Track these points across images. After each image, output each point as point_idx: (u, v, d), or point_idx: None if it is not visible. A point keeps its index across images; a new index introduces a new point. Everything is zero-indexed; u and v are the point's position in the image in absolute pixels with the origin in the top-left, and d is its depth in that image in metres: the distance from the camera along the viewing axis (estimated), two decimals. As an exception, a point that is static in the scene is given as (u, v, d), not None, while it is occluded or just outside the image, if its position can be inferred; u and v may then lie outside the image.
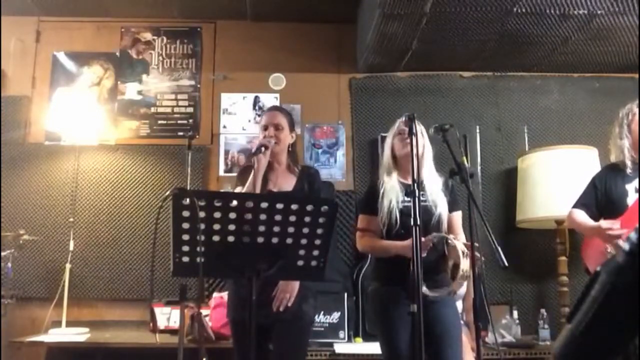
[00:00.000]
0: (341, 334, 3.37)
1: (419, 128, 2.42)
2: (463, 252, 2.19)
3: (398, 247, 2.32)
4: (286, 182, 2.48)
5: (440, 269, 2.39)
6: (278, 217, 1.59)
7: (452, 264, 2.30)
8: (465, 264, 2.17)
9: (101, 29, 4.23)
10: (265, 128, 2.49)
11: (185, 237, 1.59)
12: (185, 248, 1.60)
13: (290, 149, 2.55)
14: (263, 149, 2.36)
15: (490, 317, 2.47)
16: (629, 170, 2.56)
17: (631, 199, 2.52)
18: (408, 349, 2.30)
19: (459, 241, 2.27)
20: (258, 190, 2.37)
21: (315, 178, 2.51)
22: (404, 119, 2.49)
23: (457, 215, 2.52)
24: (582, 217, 2.62)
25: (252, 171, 2.35)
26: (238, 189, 2.44)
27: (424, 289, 2.16)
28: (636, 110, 2.58)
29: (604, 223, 2.47)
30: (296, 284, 2.31)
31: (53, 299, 3.55)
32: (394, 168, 2.51)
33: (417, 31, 3.50)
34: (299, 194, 2.43)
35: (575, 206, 2.69)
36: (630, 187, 2.54)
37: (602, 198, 2.62)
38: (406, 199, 2.38)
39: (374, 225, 2.47)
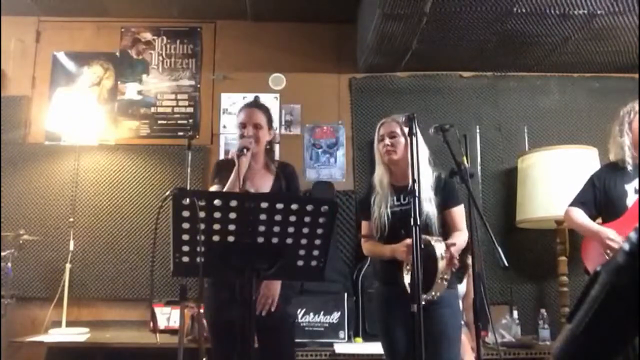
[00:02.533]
0: (341, 334, 3.37)
1: (414, 130, 2.38)
2: (441, 255, 2.17)
3: (387, 251, 2.36)
4: (264, 182, 2.40)
5: (430, 272, 2.37)
6: (278, 217, 1.59)
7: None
8: (442, 266, 2.16)
9: (101, 29, 4.23)
10: (244, 126, 2.35)
11: (185, 237, 1.58)
12: (185, 248, 1.60)
13: (267, 146, 2.44)
14: (245, 150, 2.25)
15: (490, 317, 2.47)
16: (629, 168, 2.53)
17: (630, 199, 2.51)
18: (404, 348, 2.31)
19: (441, 243, 2.23)
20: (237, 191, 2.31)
21: (292, 177, 2.44)
22: (384, 122, 2.49)
23: (455, 211, 2.44)
24: (582, 217, 2.59)
25: (234, 170, 2.26)
26: (215, 187, 2.34)
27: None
28: (638, 109, 2.57)
29: (606, 231, 2.45)
30: (277, 286, 2.23)
31: (53, 299, 3.56)
32: (385, 173, 2.50)
33: (417, 31, 3.50)
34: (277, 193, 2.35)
35: (572, 204, 2.65)
36: (630, 188, 2.52)
37: (600, 197, 2.60)
38: (395, 202, 2.41)
39: (371, 230, 2.52)
